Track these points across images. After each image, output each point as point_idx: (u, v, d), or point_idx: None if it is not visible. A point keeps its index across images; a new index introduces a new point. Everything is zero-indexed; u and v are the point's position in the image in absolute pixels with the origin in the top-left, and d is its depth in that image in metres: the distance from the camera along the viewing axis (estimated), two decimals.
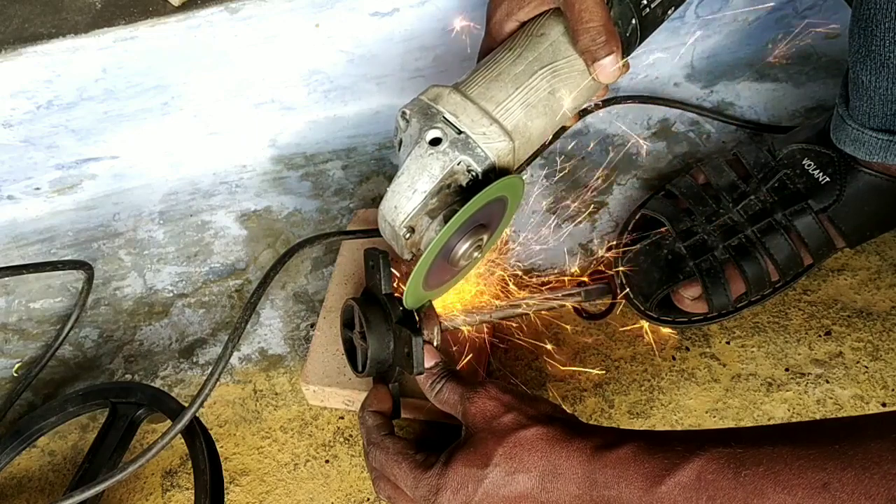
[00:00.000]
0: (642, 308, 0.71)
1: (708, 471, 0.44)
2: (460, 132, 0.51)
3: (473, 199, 0.50)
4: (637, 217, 0.75)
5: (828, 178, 0.68)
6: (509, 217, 0.58)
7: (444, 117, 0.52)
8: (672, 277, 0.70)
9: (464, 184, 0.53)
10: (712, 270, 0.69)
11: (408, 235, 0.53)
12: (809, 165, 0.69)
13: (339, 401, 0.69)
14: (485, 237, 0.56)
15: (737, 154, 0.73)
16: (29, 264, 0.76)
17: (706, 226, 0.70)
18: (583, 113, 0.86)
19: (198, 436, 0.64)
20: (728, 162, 0.73)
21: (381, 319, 0.62)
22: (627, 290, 0.72)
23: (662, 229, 0.73)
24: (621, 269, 0.72)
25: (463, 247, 0.54)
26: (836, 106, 0.67)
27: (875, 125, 0.64)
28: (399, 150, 0.55)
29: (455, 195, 0.53)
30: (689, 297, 0.70)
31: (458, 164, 0.51)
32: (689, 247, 0.70)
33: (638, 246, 0.72)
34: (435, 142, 0.52)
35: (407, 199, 0.52)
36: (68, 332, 0.75)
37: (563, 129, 0.84)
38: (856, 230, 0.69)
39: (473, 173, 0.52)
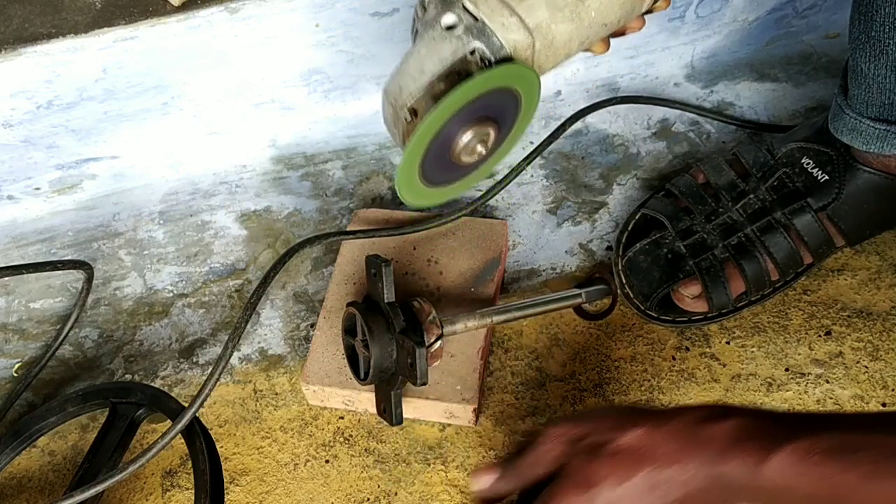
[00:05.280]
0: (642, 308, 0.71)
1: (818, 450, 0.42)
2: (477, 19, 0.49)
3: (476, 78, 0.47)
4: (637, 217, 0.75)
5: (826, 177, 0.69)
6: (525, 121, 0.54)
7: (463, 5, 0.49)
8: (672, 276, 0.70)
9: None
10: (712, 269, 0.69)
11: (409, 118, 0.50)
12: (808, 164, 0.70)
13: (339, 401, 0.69)
14: (492, 133, 0.52)
15: (736, 153, 0.73)
16: (28, 264, 0.76)
17: (706, 225, 0.70)
18: (582, 113, 0.86)
19: (198, 436, 0.64)
20: (728, 161, 0.73)
21: (383, 329, 0.62)
22: (627, 289, 0.72)
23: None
24: (621, 268, 0.72)
25: (465, 137, 0.50)
26: (835, 96, 0.67)
27: (873, 114, 0.64)
28: (414, 41, 0.52)
29: None
30: (689, 296, 0.70)
31: (472, 54, 0.49)
32: (689, 246, 0.70)
33: (637, 245, 0.72)
34: (450, 27, 0.49)
35: (413, 79, 0.49)
36: (68, 332, 0.75)
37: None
38: (855, 228, 0.69)
39: (487, 62, 0.49)
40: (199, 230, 0.84)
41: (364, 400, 0.68)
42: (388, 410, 0.64)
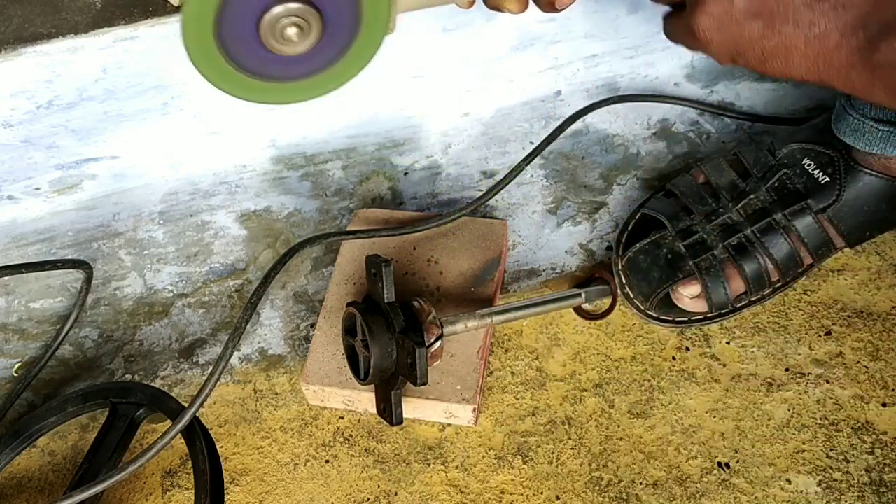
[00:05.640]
0: (642, 308, 0.71)
1: None
2: None
3: None
4: (637, 216, 0.76)
5: (827, 178, 0.69)
6: (367, 41, 0.48)
7: None
8: (671, 276, 0.70)
9: None
10: (712, 269, 0.69)
11: None
12: (809, 165, 0.70)
13: (339, 401, 0.69)
14: (312, 24, 0.45)
15: (737, 154, 0.73)
16: (27, 263, 0.76)
17: (706, 225, 0.70)
18: (582, 112, 0.86)
19: (198, 436, 0.64)
20: (728, 162, 0.73)
21: (384, 329, 0.62)
22: (627, 289, 0.72)
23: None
24: (621, 268, 0.72)
25: (276, 10, 0.44)
26: (839, 96, 0.68)
27: (876, 115, 0.64)
28: None
29: None
30: (689, 296, 0.70)
31: None
32: (689, 246, 0.70)
33: (637, 245, 0.72)
34: None
35: None
36: (67, 331, 0.75)
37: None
38: (855, 230, 0.69)
39: None
40: (199, 230, 0.84)
41: (364, 400, 0.68)
42: (388, 410, 0.64)
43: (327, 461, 0.68)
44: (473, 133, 0.88)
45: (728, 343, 0.71)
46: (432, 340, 0.61)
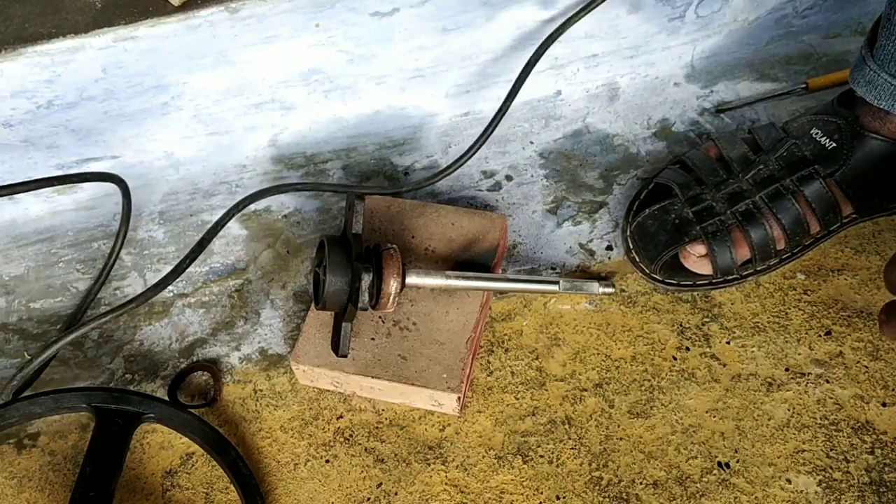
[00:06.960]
0: (647, 271, 0.72)
1: None
2: None
3: None
4: (650, 186, 0.77)
5: (834, 144, 0.70)
6: None
7: None
8: (678, 240, 0.71)
9: None
10: (718, 233, 0.70)
11: None
12: (817, 133, 0.71)
13: (327, 381, 0.69)
14: None
15: (752, 131, 0.75)
16: (56, 177, 0.77)
17: (715, 193, 0.71)
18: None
19: (230, 446, 0.66)
20: (743, 139, 0.75)
21: (343, 256, 0.63)
22: (633, 254, 0.73)
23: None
24: (629, 233, 0.74)
25: None
26: (862, 47, 0.68)
27: (892, 70, 0.65)
28: None
29: None
30: (696, 255, 0.70)
31: None
32: (697, 212, 0.71)
33: (647, 210, 0.73)
34: None
35: None
36: (118, 252, 0.80)
37: None
38: (863, 195, 0.70)
39: None
40: (199, 230, 0.84)
41: (352, 382, 0.68)
42: (336, 342, 0.65)
43: (327, 461, 0.68)
44: (473, 133, 0.88)
45: (728, 343, 0.71)
46: (391, 280, 0.63)
